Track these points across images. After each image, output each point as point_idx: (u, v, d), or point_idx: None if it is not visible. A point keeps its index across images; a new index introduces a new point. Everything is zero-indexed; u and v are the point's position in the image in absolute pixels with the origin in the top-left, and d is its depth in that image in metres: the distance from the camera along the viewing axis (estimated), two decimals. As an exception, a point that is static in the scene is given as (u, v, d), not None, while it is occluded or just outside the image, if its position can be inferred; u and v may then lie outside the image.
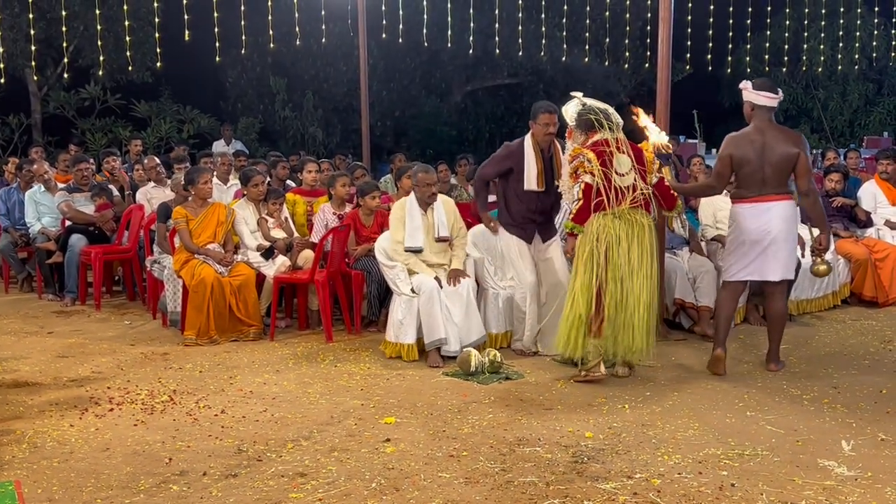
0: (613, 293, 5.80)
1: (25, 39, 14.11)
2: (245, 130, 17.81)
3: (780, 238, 5.96)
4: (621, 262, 5.80)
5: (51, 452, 4.60)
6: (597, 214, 5.88)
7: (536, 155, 6.58)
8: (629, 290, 5.81)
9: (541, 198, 6.66)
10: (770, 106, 6.06)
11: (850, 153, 11.24)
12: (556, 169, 6.61)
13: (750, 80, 6.19)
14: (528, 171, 6.58)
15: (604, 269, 5.78)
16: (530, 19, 16.91)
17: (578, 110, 6.18)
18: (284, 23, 15.07)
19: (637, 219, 5.89)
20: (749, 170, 5.94)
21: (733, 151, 5.97)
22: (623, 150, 5.96)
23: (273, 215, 7.92)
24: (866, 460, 4.41)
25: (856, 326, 7.69)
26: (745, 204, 6.00)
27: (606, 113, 6.07)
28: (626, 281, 5.81)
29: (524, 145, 6.64)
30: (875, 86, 21.14)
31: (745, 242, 6.00)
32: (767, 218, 5.94)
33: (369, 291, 7.41)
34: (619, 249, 5.80)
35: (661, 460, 4.43)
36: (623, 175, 5.91)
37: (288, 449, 4.63)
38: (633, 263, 5.81)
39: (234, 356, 6.72)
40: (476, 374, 6.04)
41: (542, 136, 6.58)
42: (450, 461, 4.44)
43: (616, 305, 5.82)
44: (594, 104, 6.15)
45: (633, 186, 5.92)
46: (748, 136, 6.00)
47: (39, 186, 9.49)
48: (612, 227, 5.83)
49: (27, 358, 6.67)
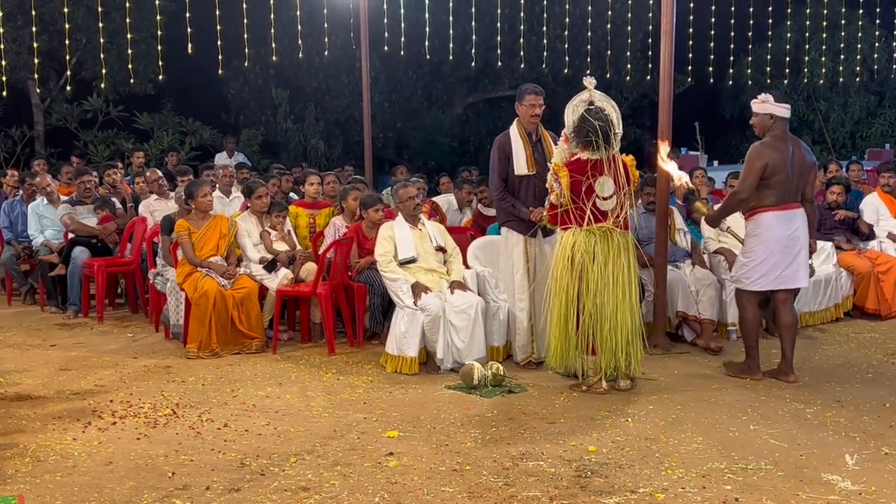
0: (590, 310, 5.83)
1: (28, 52, 14.15)
2: (247, 142, 17.83)
3: (805, 244, 6.14)
4: (596, 278, 5.81)
5: (54, 466, 4.59)
6: (571, 230, 5.93)
7: (523, 139, 6.63)
8: (604, 306, 5.82)
9: (537, 184, 6.57)
10: (787, 117, 6.19)
11: (852, 165, 11.23)
12: (548, 153, 6.61)
13: (768, 94, 6.22)
14: (516, 156, 6.61)
15: (577, 286, 5.83)
16: (531, 31, 16.96)
17: (579, 118, 5.99)
18: (287, 35, 15.11)
19: (614, 237, 5.89)
20: (781, 178, 6.00)
21: (768, 161, 5.99)
22: (611, 172, 5.91)
23: (276, 228, 7.93)
24: (870, 474, 4.40)
25: (859, 339, 7.68)
26: (774, 211, 6.04)
27: (607, 127, 5.92)
28: (601, 297, 5.81)
29: (510, 132, 6.70)
30: (876, 98, 21.13)
31: (775, 251, 6.04)
32: (796, 225, 6.07)
33: (372, 304, 7.41)
34: (593, 266, 5.82)
35: (665, 474, 4.42)
36: (606, 199, 5.91)
37: (291, 463, 4.62)
38: (609, 280, 5.80)
39: (236, 369, 6.72)
40: (479, 388, 6.03)
41: (527, 118, 6.62)
42: (453, 475, 4.43)
43: (594, 323, 5.85)
44: (597, 116, 5.93)
45: (616, 209, 5.92)
46: (776, 146, 6.05)
47: (42, 199, 9.51)
48: (587, 243, 5.85)
49: (30, 371, 6.67)
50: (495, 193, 6.85)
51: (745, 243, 6.30)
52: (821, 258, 8.59)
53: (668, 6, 7.10)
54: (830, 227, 9.06)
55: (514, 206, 6.63)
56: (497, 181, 6.74)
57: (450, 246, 7.07)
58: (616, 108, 6.12)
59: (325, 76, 18.67)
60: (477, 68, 17.72)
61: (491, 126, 20.78)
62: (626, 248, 5.92)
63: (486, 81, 20.15)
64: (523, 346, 6.73)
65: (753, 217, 6.15)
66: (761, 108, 6.19)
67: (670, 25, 7.11)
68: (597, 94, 6.11)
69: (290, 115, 18.42)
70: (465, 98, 20.67)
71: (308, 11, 14.89)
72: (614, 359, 5.90)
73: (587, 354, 5.93)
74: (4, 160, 16.93)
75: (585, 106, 6.04)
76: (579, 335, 5.91)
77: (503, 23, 15.51)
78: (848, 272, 8.53)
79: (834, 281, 8.39)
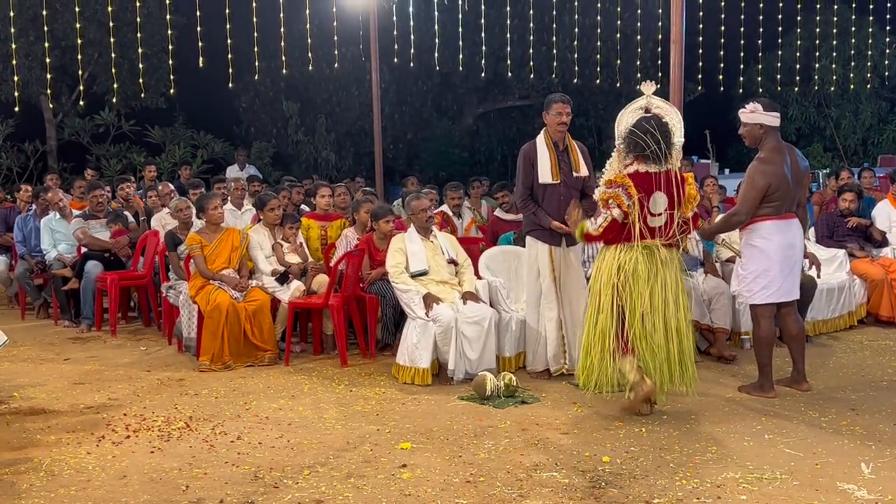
0: (637, 328, 5.41)
1: (41, 67, 14.29)
2: (258, 155, 17.92)
3: (800, 254, 6.04)
4: (644, 296, 5.39)
5: (68, 480, 4.60)
6: (620, 245, 5.51)
7: (549, 147, 6.61)
8: (655, 325, 5.41)
9: (562, 192, 6.57)
10: (777, 126, 6.00)
11: (864, 172, 11.19)
12: (574, 162, 6.62)
13: (756, 102, 5.99)
14: (541, 164, 6.60)
15: (625, 302, 5.41)
16: (541, 41, 17.02)
17: (632, 128, 5.50)
18: (297, 48, 15.20)
19: (663, 253, 5.47)
20: (784, 190, 5.85)
21: (771, 180, 5.80)
22: (663, 187, 5.44)
23: (289, 240, 7.95)
24: (886, 483, 4.37)
25: (873, 347, 7.64)
26: (772, 221, 5.87)
27: (665, 137, 5.44)
28: (650, 316, 5.40)
29: (537, 141, 6.70)
30: (888, 104, 21.11)
31: (774, 261, 5.86)
32: (793, 233, 5.94)
33: (384, 315, 7.42)
34: (642, 284, 5.40)
35: (680, 485, 4.40)
36: (656, 216, 5.46)
37: (304, 475, 4.62)
38: (657, 298, 5.40)
39: (249, 382, 6.73)
40: (491, 399, 6.02)
41: (554, 126, 6.60)
42: (466, 487, 4.42)
43: (641, 341, 5.42)
44: (650, 126, 5.42)
45: (665, 226, 5.49)
46: (775, 160, 5.86)
47: (55, 214, 9.56)
48: (635, 260, 5.42)
49: (43, 385, 6.69)
50: (519, 202, 6.82)
51: (742, 255, 6.12)
52: (833, 266, 8.57)
53: (677, 14, 7.11)
54: (843, 235, 9.03)
55: (535, 213, 6.62)
56: (521, 189, 6.72)
57: (461, 258, 7.07)
58: (677, 116, 5.75)
59: (335, 88, 18.77)
60: (487, 78, 17.80)
61: (501, 136, 20.85)
62: (672, 265, 5.50)
63: (496, 91, 20.22)
64: (554, 356, 6.68)
65: (750, 226, 5.96)
66: (750, 118, 5.95)
67: (680, 34, 7.13)
68: (655, 100, 5.74)
69: (301, 128, 18.51)
70: (476, 108, 20.74)
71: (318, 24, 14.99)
72: (665, 378, 5.50)
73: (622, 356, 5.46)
74: (18, 175, 17.05)
75: (640, 114, 5.64)
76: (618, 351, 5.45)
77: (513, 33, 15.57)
78: (861, 279, 8.50)
79: (847, 288, 8.35)
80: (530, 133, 6.96)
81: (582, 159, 6.66)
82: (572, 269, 6.68)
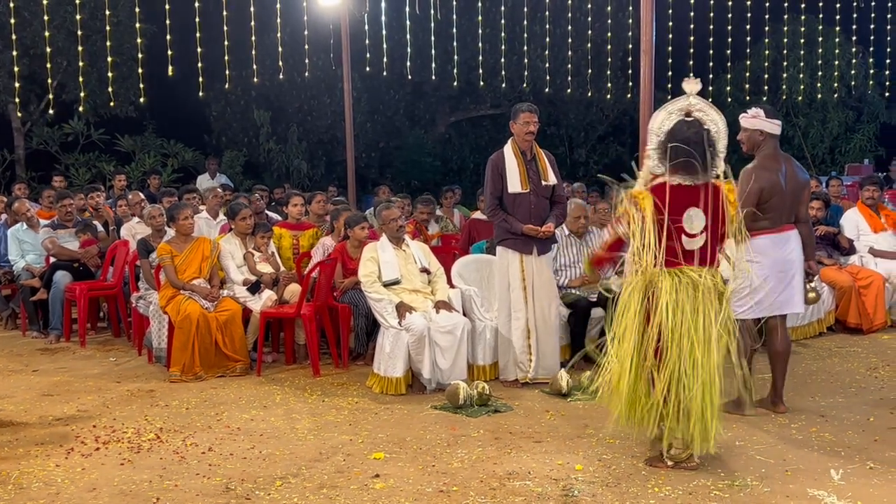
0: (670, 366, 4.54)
1: (9, 76, 14.10)
2: (230, 164, 17.83)
3: (800, 267, 5.78)
4: (679, 329, 4.53)
5: (37, 493, 4.55)
6: (640, 271, 4.64)
7: (517, 156, 6.67)
8: (687, 364, 4.52)
9: (532, 201, 6.65)
10: (778, 134, 5.86)
11: (832, 181, 11.31)
12: (542, 170, 6.68)
13: (758, 108, 5.85)
14: (510, 173, 6.65)
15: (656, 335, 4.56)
16: (513, 51, 17.12)
17: (666, 134, 4.74)
18: (268, 56, 15.16)
19: (701, 278, 4.61)
20: (778, 199, 5.64)
21: (763, 185, 5.59)
22: (704, 203, 4.67)
23: (261, 249, 7.91)
24: (856, 489, 4.41)
25: (841, 353, 7.72)
26: (769, 234, 5.65)
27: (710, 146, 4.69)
28: (685, 353, 4.52)
29: (504, 150, 6.75)
30: (854, 113, 21.36)
31: (770, 276, 5.61)
32: (790, 248, 5.71)
33: (356, 324, 7.40)
34: (676, 314, 4.53)
35: (652, 492, 4.42)
36: (693, 237, 4.66)
37: (276, 487, 4.59)
38: (692, 332, 4.52)
39: (220, 392, 6.68)
40: (465, 407, 6.02)
41: (522, 135, 6.66)
42: (440, 497, 4.41)
43: (673, 382, 4.55)
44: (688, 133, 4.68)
45: (703, 248, 4.69)
46: (770, 166, 5.68)
47: (22, 224, 9.45)
48: (670, 286, 4.57)
49: (11, 397, 6.61)
50: (489, 212, 6.88)
51: (736, 268, 5.61)
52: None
53: (647, 24, 7.17)
54: (812, 243, 9.10)
55: (505, 220, 6.65)
56: (490, 199, 6.77)
57: (434, 266, 7.07)
58: (722, 120, 4.80)
59: (306, 97, 18.74)
60: (459, 87, 17.85)
61: (473, 144, 20.91)
62: (713, 291, 4.63)
63: (468, 100, 20.30)
64: (521, 363, 6.69)
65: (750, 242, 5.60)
66: (751, 124, 5.81)
67: (650, 43, 7.19)
68: (697, 101, 4.78)
69: (273, 137, 18.45)
70: (448, 117, 20.80)
71: (289, 33, 14.95)
72: (689, 429, 4.60)
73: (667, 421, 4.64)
74: (-15, 185, 16.84)
75: (679, 117, 4.75)
76: (654, 397, 4.60)
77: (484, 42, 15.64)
78: (829, 287, 8.58)
79: (816, 296, 8.42)
80: (502, 142, 6.98)
81: (550, 168, 6.73)
82: (544, 276, 6.71)
